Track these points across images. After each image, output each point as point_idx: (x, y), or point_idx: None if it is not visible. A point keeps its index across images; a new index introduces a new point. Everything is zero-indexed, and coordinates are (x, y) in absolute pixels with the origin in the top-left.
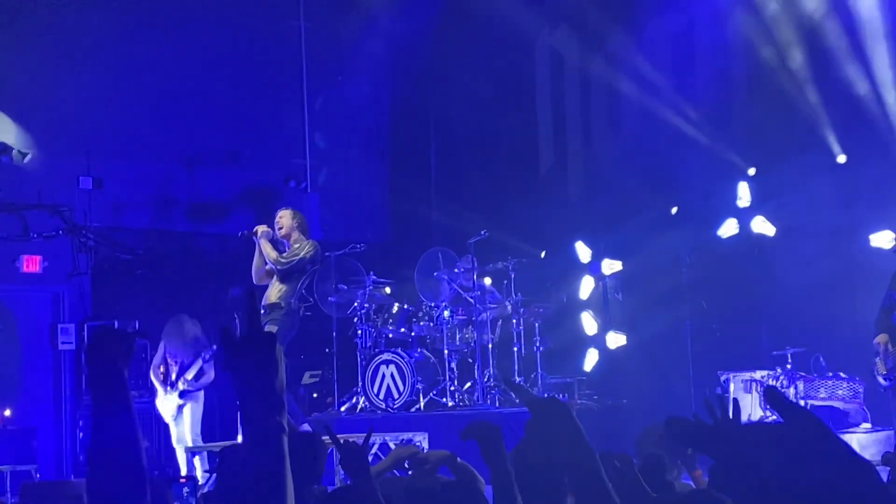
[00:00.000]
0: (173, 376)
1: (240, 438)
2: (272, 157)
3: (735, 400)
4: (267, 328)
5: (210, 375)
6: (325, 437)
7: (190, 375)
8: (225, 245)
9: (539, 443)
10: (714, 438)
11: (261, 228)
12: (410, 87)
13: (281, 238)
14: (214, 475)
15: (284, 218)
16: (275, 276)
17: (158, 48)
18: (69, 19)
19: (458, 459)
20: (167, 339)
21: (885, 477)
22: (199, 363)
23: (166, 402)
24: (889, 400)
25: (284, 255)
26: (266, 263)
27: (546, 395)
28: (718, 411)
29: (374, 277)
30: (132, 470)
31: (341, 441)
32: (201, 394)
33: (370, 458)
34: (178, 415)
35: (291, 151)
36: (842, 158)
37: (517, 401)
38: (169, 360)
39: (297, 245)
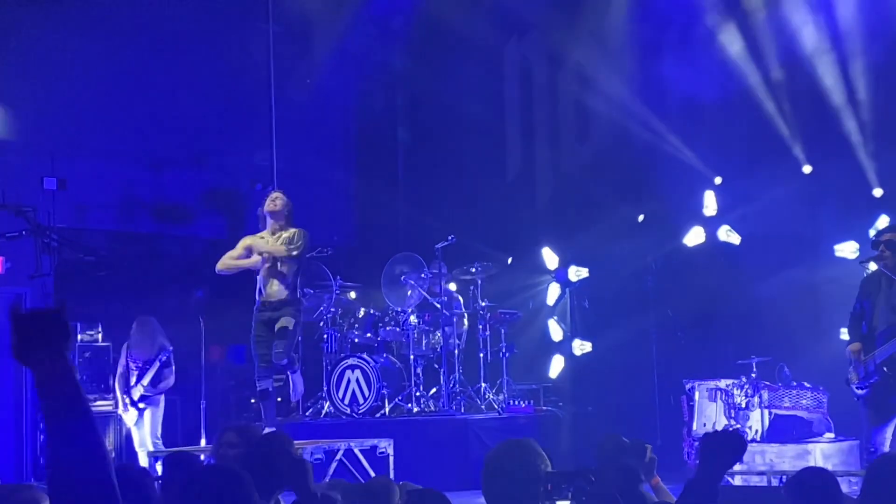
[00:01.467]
0: (133, 380)
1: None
2: (238, 160)
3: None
4: (283, 323)
5: (170, 380)
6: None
7: (146, 381)
8: (189, 247)
9: None
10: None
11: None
12: (378, 92)
13: (267, 214)
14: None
15: (280, 200)
16: (279, 270)
17: (124, 49)
18: (33, 20)
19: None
20: (131, 341)
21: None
22: (155, 366)
23: (129, 408)
24: (860, 409)
25: (292, 245)
26: (262, 262)
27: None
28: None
29: (341, 282)
30: (97, 477)
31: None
32: (162, 398)
33: (333, 467)
34: (140, 419)
35: (257, 154)
36: (807, 168)
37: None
38: (131, 365)
39: (293, 234)
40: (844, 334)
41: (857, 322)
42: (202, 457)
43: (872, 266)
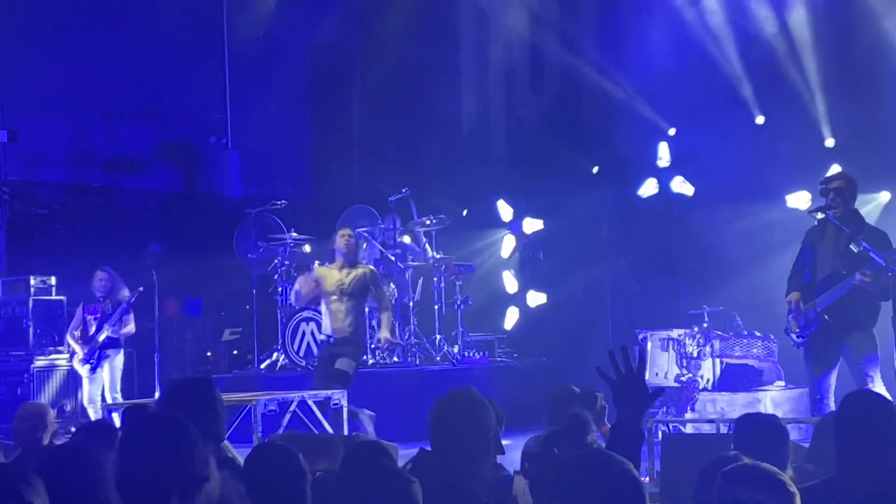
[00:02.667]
0: (92, 330)
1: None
2: (192, 113)
3: (637, 350)
4: (341, 365)
5: (132, 327)
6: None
7: (107, 330)
8: (144, 201)
9: None
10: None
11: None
12: (333, 44)
13: (336, 250)
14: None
15: (350, 238)
16: (343, 307)
17: (75, 0)
18: None
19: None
20: (94, 290)
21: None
22: (119, 311)
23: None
24: (804, 358)
25: (386, 298)
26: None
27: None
28: (622, 366)
29: (295, 234)
30: None
31: None
32: (121, 352)
33: (287, 419)
34: (94, 374)
35: (212, 107)
36: (760, 119)
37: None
38: (87, 318)
39: (364, 273)
40: None
41: (799, 271)
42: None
43: (820, 216)
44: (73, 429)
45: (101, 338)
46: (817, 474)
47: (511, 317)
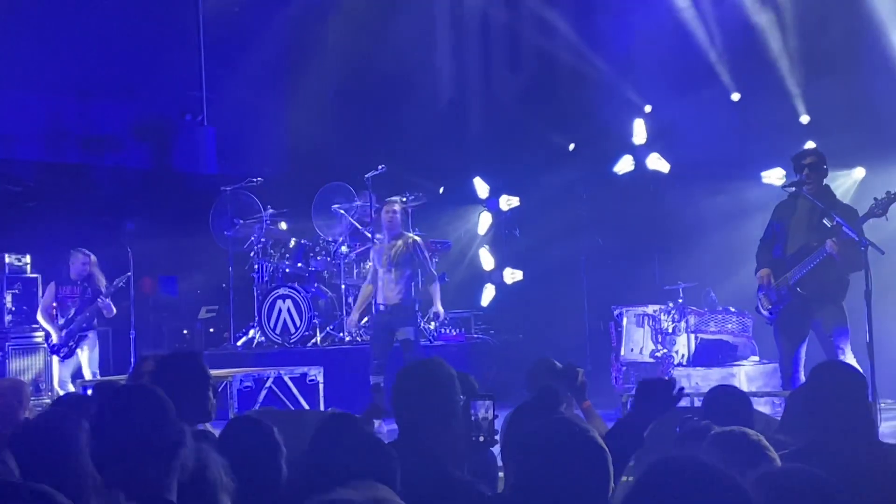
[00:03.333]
0: (71, 314)
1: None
2: (168, 90)
3: (674, 380)
4: (404, 334)
5: (113, 310)
6: (223, 371)
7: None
8: (120, 178)
9: None
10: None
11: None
12: (309, 19)
13: (384, 224)
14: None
15: (391, 214)
16: (392, 277)
17: None
18: None
19: None
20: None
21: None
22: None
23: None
24: (774, 332)
25: (428, 268)
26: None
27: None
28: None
29: (271, 212)
30: None
31: None
32: (95, 335)
33: (263, 395)
34: (68, 359)
35: (187, 84)
36: (735, 96)
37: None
38: (65, 300)
39: (408, 243)
40: None
41: (768, 246)
42: None
43: (794, 190)
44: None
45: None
46: (788, 444)
47: (487, 293)
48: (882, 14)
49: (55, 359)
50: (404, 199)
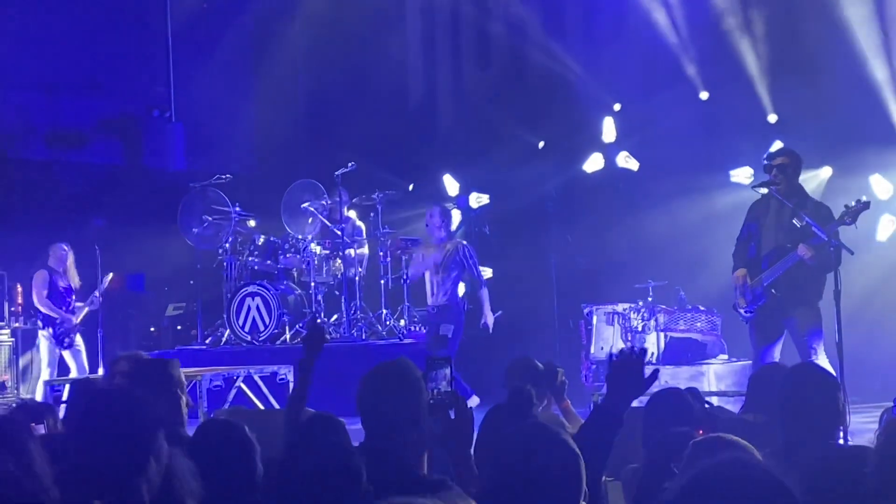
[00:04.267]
0: (71, 304)
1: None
2: (135, 86)
3: (643, 348)
4: (444, 331)
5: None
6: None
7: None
8: (87, 174)
9: None
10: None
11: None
12: (278, 15)
13: (428, 229)
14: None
15: (432, 218)
16: (439, 279)
17: None
18: None
19: None
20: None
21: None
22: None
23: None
24: (749, 331)
25: (474, 274)
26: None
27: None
28: (627, 350)
29: (240, 209)
30: None
31: None
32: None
33: (233, 394)
34: (70, 347)
35: (155, 80)
36: (704, 95)
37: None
38: (60, 287)
39: (453, 247)
40: None
41: (744, 247)
42: None
43: (764, 191)
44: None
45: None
46: (757, 423)
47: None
48: (850, 14)
49: (45, 352)
50: (374, 197)
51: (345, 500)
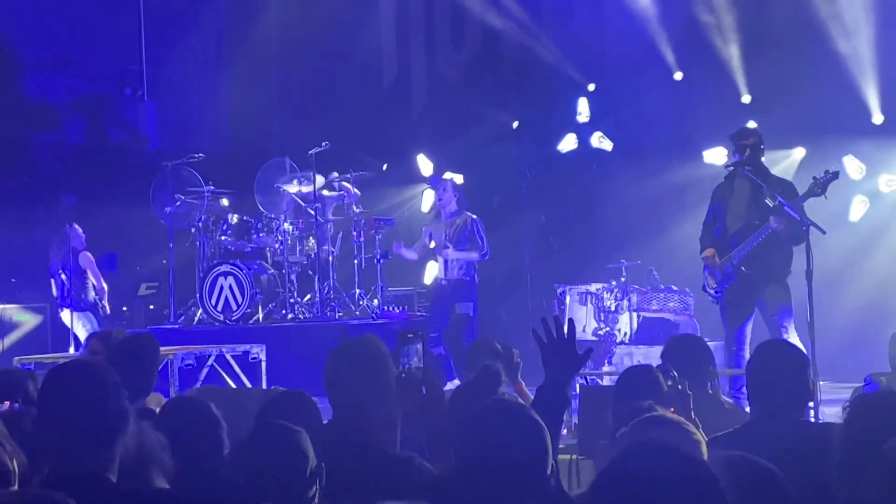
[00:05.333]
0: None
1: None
2: (107, 64)
3: (570, 321)
4: (462, 309)
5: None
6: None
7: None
8: (58, 153)
9: None
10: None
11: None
12: None
13: (447, 203)
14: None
15: (443, 193)
16: (449, 253)
17: None
18: None
19: None
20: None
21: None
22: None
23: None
24: (720, 310)
25: (480, 246)
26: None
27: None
28: (554, 331)
29: (213, 188)
30: None
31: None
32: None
33: (205, 372)
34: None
35: (127, 58)
36: (678, 75)
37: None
38: (62, 274)
39: (463, 222)
40: None
41: (710, 227)
42: None
43: (733, 169)
44: None
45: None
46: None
47: (430, 271)
48: None
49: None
50: (348, 176)
51: (292, 480)
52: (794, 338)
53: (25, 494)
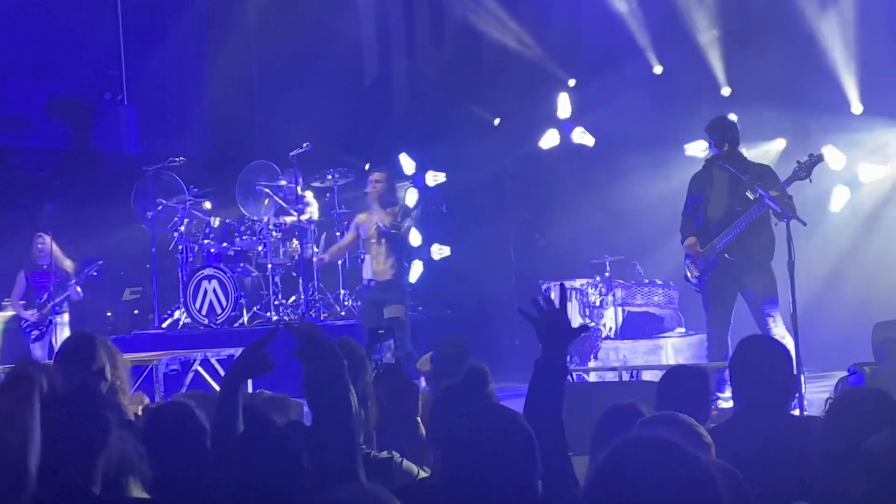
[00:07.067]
0: (44, 298)
1: None
2: (86, 68)
3: (562, 285)
4: (394, 312)
5: (80, 294)
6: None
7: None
8: (38, 159)
9: None
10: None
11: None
12: None
13: (377, 198)
14: None
15: (376, 184)
16: (381, 249)
17: None
18: None
19: None
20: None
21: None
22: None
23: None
24: (703, 299)
25: (392, 219)
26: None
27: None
28: (545, 303)
29: (195, 191)
30: None
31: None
32: (66, 316)
33: (190, 377)
34: (41, 339)
35: (106, 62)
36: (658, 69)
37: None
38: (29, 284)
39: (398, 210)
40: None
41: (690, 217)
42: None
43: (710, 159)
44: None
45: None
46: None
47: (415, 270)
48: None
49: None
50: (329, 177)
51: (285, 485)
52: (780, 327)
53: None
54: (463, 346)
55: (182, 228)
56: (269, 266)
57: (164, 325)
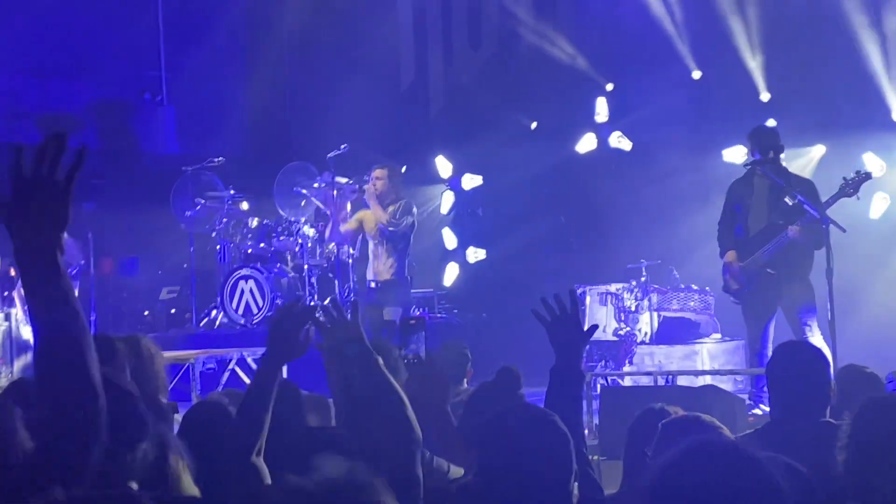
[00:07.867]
0: None
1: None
2: (126, 69)
3: (572, 292)
4: (388, 315)
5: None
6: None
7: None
8: (78, 159)
9: None
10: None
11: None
12: None
13: (376, 195)
14: None
15: (378, 181)
16: (382, 249)
17: None
18: None
19: None
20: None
21: None
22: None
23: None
24: (743, 309)
25: (390, 217)
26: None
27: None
28: (556, 308)
29: (233, 192)
30: (78, 372)
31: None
32: None
33: (226, 376)
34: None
35: (146, 63)
36: (697, 74)
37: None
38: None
39: (398, 207)
40: None
41: (729, 229)
42: None
43: (750, 168)
44: None
45: None
46: None
47: (450, 273)
48: None
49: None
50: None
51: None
52: (817, 336)
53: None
54: (465, 351)
55: (220, 228)
56: (306, 267)
57: (202, 325)
